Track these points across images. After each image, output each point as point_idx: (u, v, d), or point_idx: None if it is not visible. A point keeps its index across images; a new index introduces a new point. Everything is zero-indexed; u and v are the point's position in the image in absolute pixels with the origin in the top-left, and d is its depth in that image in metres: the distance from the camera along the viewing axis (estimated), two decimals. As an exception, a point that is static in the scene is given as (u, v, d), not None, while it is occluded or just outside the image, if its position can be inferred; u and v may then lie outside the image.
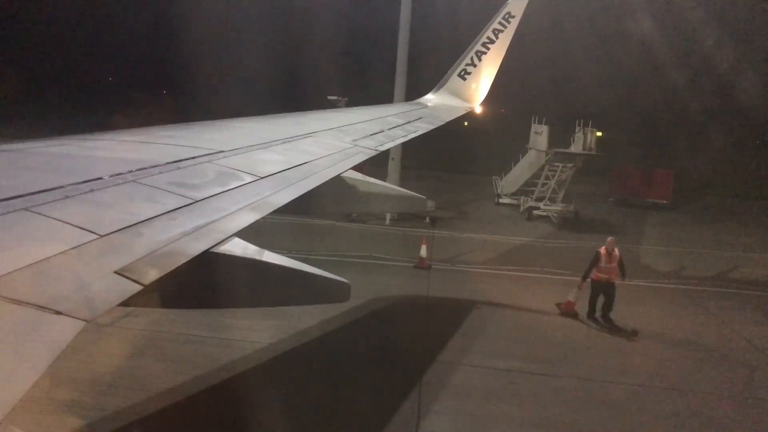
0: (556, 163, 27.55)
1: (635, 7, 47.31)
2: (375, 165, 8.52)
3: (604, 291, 13.86)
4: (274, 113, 8.70)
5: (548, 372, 11.18)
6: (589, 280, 13.95)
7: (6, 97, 57.06)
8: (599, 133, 28.63)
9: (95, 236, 2.88)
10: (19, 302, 2.16)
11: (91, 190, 3.46)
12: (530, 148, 29.43)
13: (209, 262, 3.26)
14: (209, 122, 6.96)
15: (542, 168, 28.22)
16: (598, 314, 14.01)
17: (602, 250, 13.87)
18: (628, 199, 33.22)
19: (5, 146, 4.38)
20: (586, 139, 27.13)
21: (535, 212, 27.16)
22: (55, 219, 2.94)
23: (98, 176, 3.71)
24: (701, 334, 13.76)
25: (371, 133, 8.29)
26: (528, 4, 13.28)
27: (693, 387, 10.99)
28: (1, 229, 2.72)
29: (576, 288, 14.21)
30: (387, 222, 23.58)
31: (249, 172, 4.72)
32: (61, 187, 3.36)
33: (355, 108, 13.12)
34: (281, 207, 4.31)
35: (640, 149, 47.99)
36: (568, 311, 14.24)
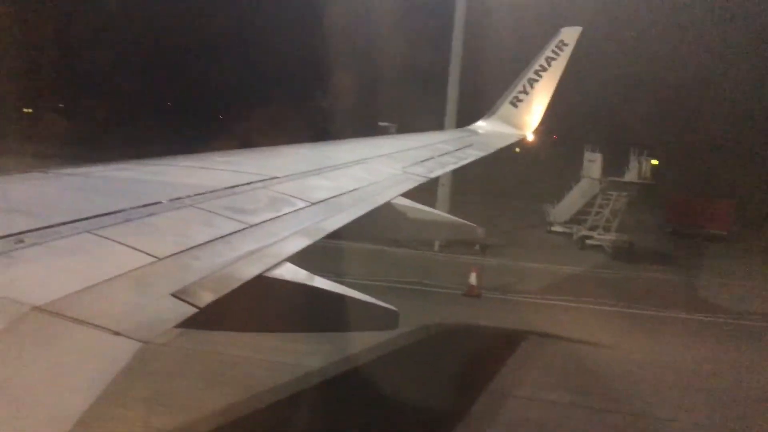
0: (610, 192, 27.02)
1: (692, 28, 46.35)
2: (425, 191, 8.53)
3: None
4: (325, 140, 8.84)
5: (603, 407, 10.82)
6: None
7: (97, 123, 60.00)
8: (655, 162, 27.99)
9: (154, 259, 2.97)
10: (81, 322, 2.24)
11: (151, 214, 3.58)
12: (583, 176, 28.97)
13: (261, 287, 3.32)
14: (265, 149, 7.13)
15: (596, 196, 27.71)
16: None
17: None
18: (684, 229, 32.19)
19: (73, 170, 4.58)
20: (641, 167, 26.58)
21: (588, 241, 26.61)
22: (116, 242, 3.05)
23: (158, 200, 3.83)
24: (761, 372, 13.12)
25: (422, 159, 8.32)
26: (581, 33, 13.18)
27: (753, 429, 10.46)
28: (66, 251, 2.84)
29: None
30: (436, 248, 23.44)
31: (301, 197, 4.80)
32: (123, 210, 3.49)
33: (405, 134, 13.19)
34: (332, 232, 4.36)
35: (698, 178, 46.52)
36: None
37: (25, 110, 68.62)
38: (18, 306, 2.19)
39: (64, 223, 3.09)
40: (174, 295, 2.71)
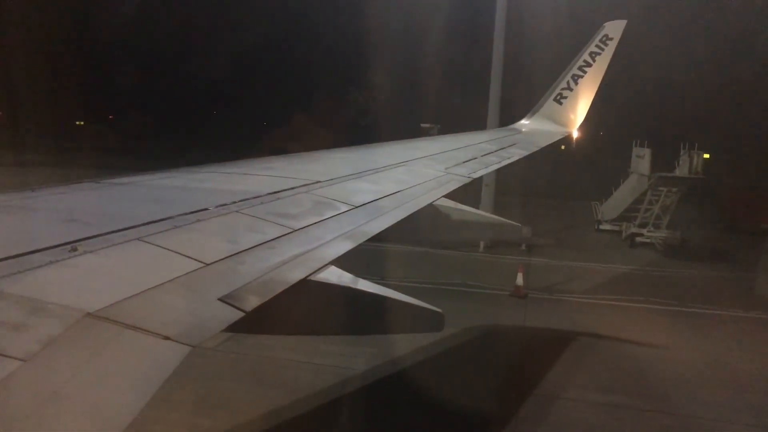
0: (660, 188, 26.33)
1: (742, 18, 44.72)
2: (469, 190, 8.51)
3: None
4: (368, 143, 8.87)
5: (655, 408, 10.54)
6: None
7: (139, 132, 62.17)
8: (707, 155, 27.08)
9: (201, 264, 3.04)
10: (132, 327, 2.31)
11: (198, 221, 3.66)
12: (632, 172, 28.30)
13: (306, 290, 3.35)
14: (307, 153, 7.21)
15: (645, 193, 27.04)
16: None
17: None
18: (739, 224, 31.07)
19: (123, 180, 4.72)
20: (692, 161, 25.79)
21: (639, 239, 25.97)
22: (165, 248, 3.12)
23: (204, 207, 3.92)
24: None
25: (464, 160, 8.27)
26: (626, 26, 12.89)
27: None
28: (117, 257, 2.93)
29: None
30: (481, 249, 23.23)
31: (344, 201, 4.84)
32: (171, 217, 3.58)
33: (447, 135, 13.14)
34: (375, 235, 4.37)
35: (753, 172, 44.88)
36: None
37: (77, 123, 71.38)
38: (72, 312, 2.27)
39: (115, 231, 3.19)
40: (221, 300, 2.76)
